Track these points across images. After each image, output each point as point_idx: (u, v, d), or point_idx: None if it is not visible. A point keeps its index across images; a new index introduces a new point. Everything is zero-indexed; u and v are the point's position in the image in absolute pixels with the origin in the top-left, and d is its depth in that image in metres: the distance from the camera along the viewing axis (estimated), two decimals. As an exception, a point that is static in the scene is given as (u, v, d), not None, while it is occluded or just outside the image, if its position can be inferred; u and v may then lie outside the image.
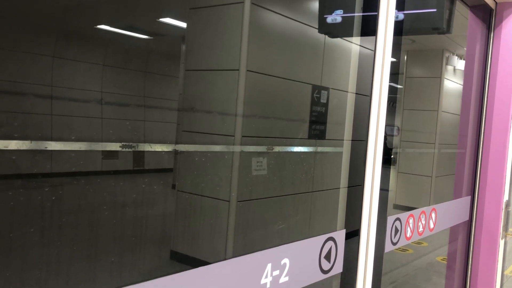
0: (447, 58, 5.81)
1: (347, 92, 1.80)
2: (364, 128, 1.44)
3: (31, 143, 2.33)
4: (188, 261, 3.28)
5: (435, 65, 5.84)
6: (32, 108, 2.59)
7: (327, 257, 1.23)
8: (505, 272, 3.98)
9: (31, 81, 2.53)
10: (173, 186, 3.60)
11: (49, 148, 2.45)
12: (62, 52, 2.60)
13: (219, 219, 3.40)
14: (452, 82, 6.04)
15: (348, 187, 1.57)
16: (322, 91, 3.98)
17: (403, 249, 4.94)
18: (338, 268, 1.29)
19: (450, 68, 5.94)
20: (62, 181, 2.59)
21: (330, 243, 1.24)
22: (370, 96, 1.43)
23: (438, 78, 5.81)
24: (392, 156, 5.39)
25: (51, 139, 2.59)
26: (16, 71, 2.37)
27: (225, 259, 0.95)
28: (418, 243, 5.08)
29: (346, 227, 1.36)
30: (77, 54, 2.73)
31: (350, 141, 1.67)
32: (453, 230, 2.28)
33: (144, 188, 3.08)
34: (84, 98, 2.77)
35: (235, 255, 0.96)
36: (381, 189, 1.45)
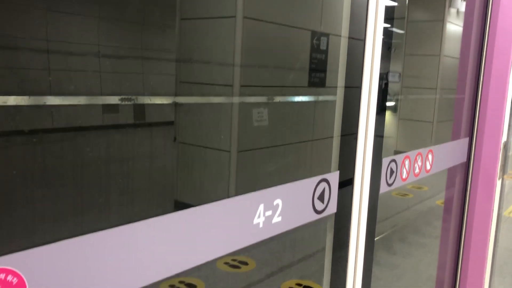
0: (450, 0, 5.65)
1: (344, 37, 1.76)
2: (358, 74, 1.42)
3: (29, 98, 2.33)
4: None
5: (438, 8, 5.69)
6: (29, 63, 2.56)
7: (321, 197, 1.25)
8: (504, 213, 4.03)
9: (26, 35, 2.49)
10: (175, 139, 3.63)
11: (48, 103, 2.45)
12: (56, 6, 2.55)
13: (220, 169, 3.44)
14: (455, 26, 5.90)
15: (341, 135, 1.57)
16: (322, 38, 3.90)
17: (403, 194, 5.01)
18: (332, 208, 1.31)
19: (453, 10, 5.79)
20: (62, 137, 2.61)
21: (324, 184, 1.25)
22: (364, 40, 1.40)
23: (440, 21, 5.67)
24: (393, 103, 5.36)
25: (50, 94, 2.58)
26: (10, 26, 2.34)
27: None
28: (419, 187, 5.14)
29: (340, 170, 1.37)
30: (71, 6, 2.68)
31: (344, 88, 1.66)
32: (451, 172, 2.30)
33: (145, 141, 3.10)
34: (81, 51, 2.74)
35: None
36: (376, 136, 1.45)
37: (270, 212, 1.08)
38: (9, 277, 0.63)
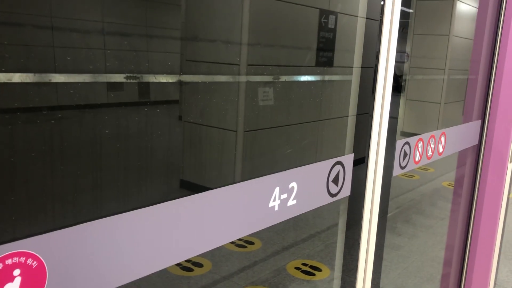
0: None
1: (357, 17, 1.72)
2: (374, 55, 1.39)
3: (34, 75, 2.30)
4: (197, 190, 3.34)
5: (448, -13, 5.58)
6: (33, 40, 2.53)
7: (335, 180, 1.23)
8: (510, 196, 4.03)
9: (30, 12, 2.45)
10: (180, 118, 3.60)
11: (54, 80, 2.43)
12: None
13: (226, 148, 3.43)
14: (465, 5, 5.79)
15: (356, 114, 1.55)
16: (331, 16, 3.83)
17: (409, 175, 5.00)
18: (346, 191, 1.29)
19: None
20: (68, 114, 2.59)
21: (338, 167, 1.24)
22: (380, 20, 1.36)
23: (451, 0, 5.57)
24: (401, 84, 5.31)
25: (55, 72, 2.56)
26: (14, 2, 2.30)
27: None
28: (425, 169, 5.13)
29: (354, 152, 1.36)
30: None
31: (360, 68, 1.62)
32: (461, 154, 2.28)
33: (150, 119, 3.08)
34: (85, 28, 2.70)
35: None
36: (390, 117, 1.43)
37: (286, 195, 1.06)
38: (29, 261, 0.62)
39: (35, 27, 2.46)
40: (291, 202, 1.09)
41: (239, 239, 3.30)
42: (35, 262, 0.62)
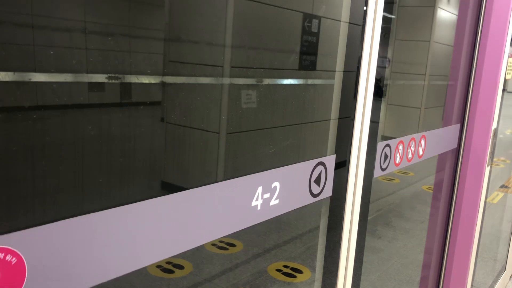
0: (442, -14, 5.64)
1: (340, 21, 1.74)
2: (356, 59, 1.40)
3: (14, 74, 2.26)
4: (179, 191, 3.32)
5: (429, -6, 5.67)
6: (13, 38, 2.48)
7: (317, 181, 1.24)
8: (487, 200, 4.10)
9: (10, 9, 2.41)
10: (162, 119, 3.58)
11: (34, 79, 2.39)
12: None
13: (209, 150, 3.42)
14: (446, 12, 5.90)
15: (338, 118, 1.56)
16: (314, 20, 3.87)
17: (389, 179, 5.06)
18: (328, 192, 1.30)
19: (444, -4, 5.78)
20: (48, 114, 2.56)
21: (320, 167, 1.25)
22: (363, 25, 1.38)
23: (431, 7, 5.67)
24: (382, 88, 5.37)
25: (35, 71, 2.52)
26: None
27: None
28: (405, 172, 5.20)
29: (336, 154, 1.37)
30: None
31: (342, 72, 1.64)
32: (441, 158, 2.32)
33: (132, 121, 3.05)
34: (67, 27, 2.66)
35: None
36: (371, 121, 1.45)
37: (268, 194, 1.07)
38: (8, 257, 0.61)
39: (15, 25, 2.42)
40: (274, 202, 1.09)
41: (221, 241, 3.29)
42: (14, 258, 0.61)
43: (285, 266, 3.15)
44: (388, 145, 1.57)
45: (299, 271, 3.13)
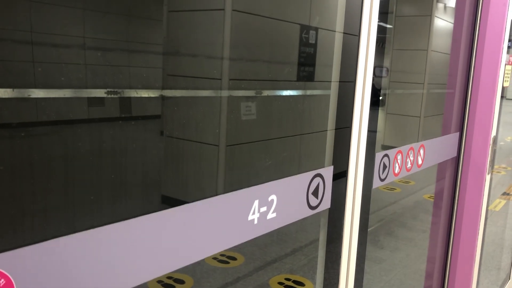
0: (438, -5, 5.68)
1: (335, 31, 1.75)
2: (353, 69, 1.40)
3: (13, 91, 2.26)
4: (179, 205, 3.32)
5: (426, 3, 5.71)
6: (13, 55, 2.49)
7: (315, 193, 1.23)
8: (489, 207, 4.07)
9: (10, 27, 2.42)
10: (161, 133, 3.58)
11: (33, 95, 2.39)
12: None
13: (209, 163, 3.41)
14: (443, 21, 5.93)
15: (335, 129, 1.55)
16: (311, 31, 3.88)
17: (391, 188, 5.03)
18: (326, 204, 1.29)
19: (440, 5, 5.82)
20: (48, 130, 2.55)
21: (318, 179, 1.24)
22: (358, 36, 1.38)
23: (428, 16, 5.69)
24: (380, 98, 5.37)
25: (34, 87, 2.52)
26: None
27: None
28: (406, 181, 5.18)
29: (334, 165, 1.36)
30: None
31: (338, 83, 1.64)
32: (440, 166, 2.31)
33: (132, 135, 3.05)
34: (66, 43, 2.67)
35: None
36: (369, 130, 1.44)
37: (265, 208, 1.06)
38: (-3, 279, 0.60)
39: (15, 42, 2.43)
40: (271, 215, 1.08)
41: (222, 254, 3.26)
42: (2, 280, 0.60)
43: (287, 279, 3.12)
44: (386, 155, 1.56)
45: (301, 284, 3.09)
